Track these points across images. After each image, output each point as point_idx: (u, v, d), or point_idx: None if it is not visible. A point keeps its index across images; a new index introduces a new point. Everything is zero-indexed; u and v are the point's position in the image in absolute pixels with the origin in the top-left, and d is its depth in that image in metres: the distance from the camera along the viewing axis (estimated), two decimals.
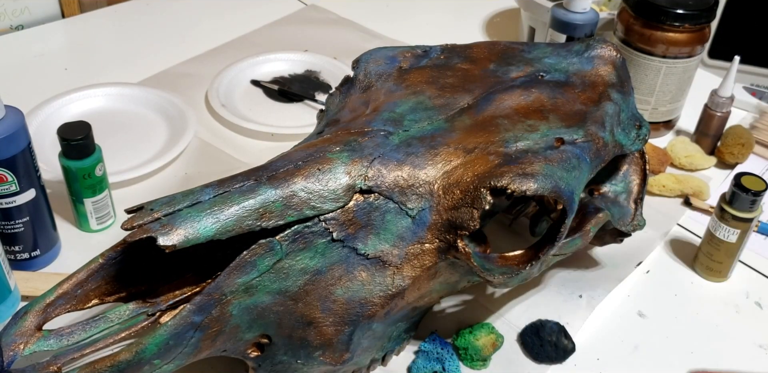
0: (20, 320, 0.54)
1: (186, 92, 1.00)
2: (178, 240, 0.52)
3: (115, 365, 0.51)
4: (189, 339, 0.53)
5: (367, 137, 0.60)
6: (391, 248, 0.58)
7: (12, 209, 0.69)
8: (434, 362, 0.66)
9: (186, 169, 0.88)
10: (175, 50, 1.09)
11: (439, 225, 0.59)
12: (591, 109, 0.66)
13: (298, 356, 0.58)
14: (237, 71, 1.02)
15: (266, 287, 0.55)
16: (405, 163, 0.59)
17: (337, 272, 0.57)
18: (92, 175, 0.73)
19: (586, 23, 0.93)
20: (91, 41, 1.11)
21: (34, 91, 0.97)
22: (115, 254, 0.57)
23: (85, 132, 0.71)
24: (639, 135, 0.70)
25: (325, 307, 0.57)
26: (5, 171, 0.66)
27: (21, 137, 0.67)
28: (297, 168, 0.57)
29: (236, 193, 0.55)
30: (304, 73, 1.05)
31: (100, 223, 0.78)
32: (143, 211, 0.54)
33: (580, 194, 0.62)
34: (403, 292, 0.59)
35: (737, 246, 0.76)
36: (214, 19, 1.18)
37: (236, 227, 0.54)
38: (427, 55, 0.71)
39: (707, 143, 0.95)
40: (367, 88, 0.69)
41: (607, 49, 0.72)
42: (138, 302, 0.60)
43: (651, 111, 0.96)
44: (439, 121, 0.63)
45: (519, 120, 0.64)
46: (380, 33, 1.17)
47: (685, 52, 0.91)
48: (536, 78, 0.69)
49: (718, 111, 0.92)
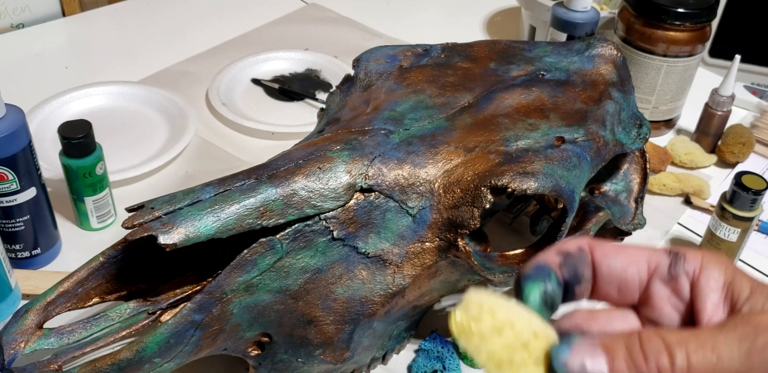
0: (21, 319, 0.54)
1: (186, 91, 1.00)
2: (178, 239, 0.52)
3: (115, 363, 0.51)
4: (189, 338, 0.53)
5: (368, 136, 0.60)
6: (391, 247, 0.58)
7: (13, 207, 0.69)
8: (434, 360, 0.66)
9: (186, 168, 0.88)
10: (175, 49, 1.09)
11: (439, 224, 0.59)
12: (591, 108, 0.66)
13: (299, 354, 0.58)
14: (237, 70, 1.02)
15: (267, 285, 0.55)
16: (405, 162, 0.59)
17: (337, 270, 0.57)
18: (93, 173, 0.73)
19: (587, 22, 0.93)
20: (91, 40, 1.11)
21: (35, 89, 0.97)
22: (115, 252, 0.57)
23: (86, 130, 0.71)
24: (639, 134, 0.70)
25: (325, 305, 0.57)
26: (6, 169, 0.67)
27: (22, 136, 0.67)
28: (297, 167, 0.57)
29: (237, 191, 0.55)
30: (304, 72, 1.05)
31: (100, 221, 0.78)
32: (144, 209, 0.54)
33: (580, 193, 0.62)
34: (404, 291, 0.59)
35: (738, 245, 0.76)
36: (214, 17, 1.18)
37: (237, 226, 0.54)
38: (428, 54, 0.71)
39: (708, 142, 0.95)
40: (367, 86, 0.68)
41: (607, 47, 0.72)
42: (139, 301, 0.60)
43: (651, 110, 0.96)
44: (440, 119, 0.63)
45: (519, 119, 0.63)
46: (381, 32, 1.17)
47: (686, 51, 0.91)
48: (537, 77, 0.69)
49: (718, 110, 0.92)
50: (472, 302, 0.32)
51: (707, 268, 0.33)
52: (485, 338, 0.31)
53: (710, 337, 0.30)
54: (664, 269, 0.34)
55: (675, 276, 0.34)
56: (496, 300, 0.32)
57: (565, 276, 0.34)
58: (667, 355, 0.29)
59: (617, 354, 0.30)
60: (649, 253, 0.34)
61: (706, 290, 0.33)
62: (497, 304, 0.32)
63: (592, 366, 0.30)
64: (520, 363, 0.31)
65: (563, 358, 0.30)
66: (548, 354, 0.31)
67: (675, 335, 0.30)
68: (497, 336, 0.31)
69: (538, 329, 0.32)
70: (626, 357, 0.30)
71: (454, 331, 0.32)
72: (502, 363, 0.31)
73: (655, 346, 0.30)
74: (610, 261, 0.34)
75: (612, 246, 0.35)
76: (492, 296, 0.32)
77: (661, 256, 0.34)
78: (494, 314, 0.31)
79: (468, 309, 0.32)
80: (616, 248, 0.35)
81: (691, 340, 0.30)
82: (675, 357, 0.29)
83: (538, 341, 0.31)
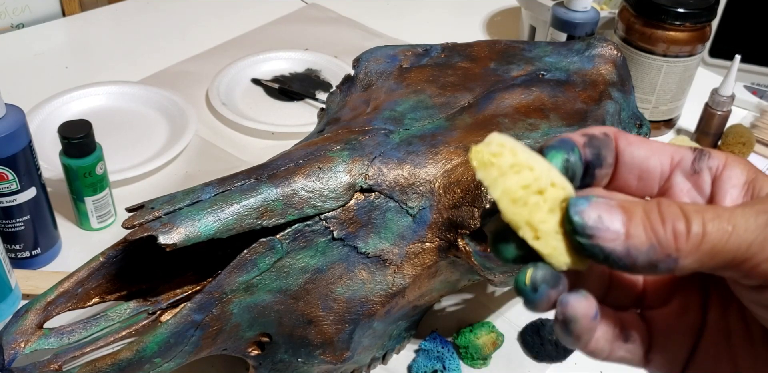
0: (21, 319, 0.54)
1: (186, 91, 1.00)
2: (178, 239, 0.52)
3: (115, 363, 0.51)
4: (189, 338, 0.53)
5: (368, 136, 0.60)
6: (391, 247, 0.58)
7: (13, 207, 0.69)
8: (434, 360, 0.66)
9: (186, 168, 0.88)
10: (175, 49, 1.09)
11: (439, 224, 0.59)
12: (592, 108, 0.66)
13: (299, 354, 0.58)
14: (238, 70, 1.02)
15: (267, 285, 0.55)
16: (405, 162, 0.59)
17: (337, 270, 0.57)
18: (93, 173, 0.73)
19: (587, 22, 0.93)
20: (91, 40, 1.11)
21: (35, 89, 0.97)
22: (115, 252, 0.57)
23: (86, 130, 0.71)
24: (640, 134, 0.70)
25: (325, 305, 0.57)
26: (6, 169, 0.67)
27: (22, 136, 0.67)
28: (298, 167, 0.57)
29: (237, 191, 0.55)
30: (304, 72, 1.05)
31: (100, 221, 0.78)
32: (144, 209, 0.54)
33: None
34: (404, 290, 0.59)
35: None
36: (214, 17, 1.18)
37: (237, 226, 0.54)
38: (428, 54, 0.71)
39: (708, 142, 0.95)
40: (367, 86, 0.68)
41: (607, 47, 0.72)
42: (139, 301, 0.60)
43: (652, 110, 0.96)
44: (440, 119, 0.63)
45: (520, 119, 0.64)
46: (381, 31, 1.17)
47: (686, 51, 0.91)
48: (537, 77, 0.69)
49: (718, 110, 0.92)
50: (494, 140, 0.31)
51: (730, 166, 0.33)
52: (504, 172, 0.30)
53: (728, 209, 0.29)
54: (688, 163, 0.33)
55: (698, 170, 0.33)
56: (519, 144, 0.31)
57: (588, 157, 0.33)
58: (684, 221, 0.29)
59: (635, 215, 0.29)
60: (675, 148, 0.34)
61: (727, 186, 0.33)
62: (519, 147, 0.31)
63: (608, 221, 0.29)
64: (534, 205, 0.30)
65: (580, 208, 0.29)
66: (563, 204, 0.30)
67: (693, 206, 0.30)
68: (516, 175, 0.30)
69: (557, 180, 0.31)
70: (643, 218, 0.29)
71: (473, 160, 0.30)
72: (517, 201, 0.30)
73: (673, 212, 0.29)
74: (633, 149, 0.33)
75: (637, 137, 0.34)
76: (515, 141, 0.31)
77: (685, 151, 0.34)
78: (516, 154, 0.30)
79: (489, 144, 0.31)
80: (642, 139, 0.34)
81: (709, 210, 0.29)
82: (691, 223, 0.29)
83: (555, 190, 0.31)
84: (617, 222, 0.29)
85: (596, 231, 0.29)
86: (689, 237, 0.29)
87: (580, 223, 0.29)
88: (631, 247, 0.29)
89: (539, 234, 0.30)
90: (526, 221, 0.30)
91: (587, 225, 0.29)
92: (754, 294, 0.30)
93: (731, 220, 0.29)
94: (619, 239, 0.29)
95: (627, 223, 0.29)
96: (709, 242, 0.29)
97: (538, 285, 0.30)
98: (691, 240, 0.29)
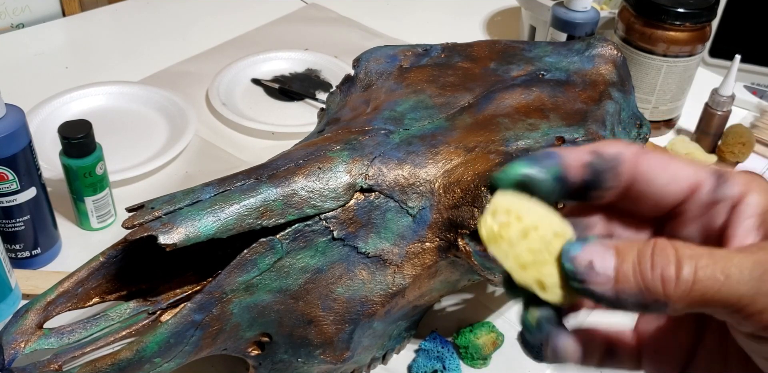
0: (21, 319, 0.54)
1: (186, 91, 1.00)
2: (178, 239, 0.52)
3: (115, 363, 0.51)
4: (189, 338, 0.53)
5: (368, 136, 0.60)
6: (391, 247, 0.58)
7: (13, 207, 0.69)
8: (434, 360, 0.66)
9: (186, 168, 0.88)
10: (175, 49, 1.09)
11: (439, 224, 0.59)
12: (592, 108, 0.66)
13: (299, 354, 0.58)
14: (237, 70, 1.02)
15: (267, 285, 0.55)
16: (405, 162, 0.59)
17: (337, 270, 0.57)
18: (93, 173, 0.73)
19: (587, 22, 0.92)
20: (91, 40, 1.11)
21: (35, 89, 0.97)
22: (115, 252, 0.57)
23: (86, 130, 0.71)
24: (640, 134, 0.70)
25: (325, 305, 0.57)
26: (6, 169, 0.67)
27: (22, 136, 0.67)
28: (298, 167, 0.57)
29: (237, 191, 0.55)
30: (304, 72, 1.05)
31: (100, 221, 0.78)
32: (144, 209, 0.54)
33: None
34: (404, 290, 0.59)
35: None
36: (214, 17, 1.18)
37: (237, 226, 0.54)
38: (428, 54, 0.71)
39: (708, 142, 0.95)
40: (367, 86, 0.68)
41: (607, 47, 0.72)
42: (139, 301, 0.60)
43: (652, 110, 0.96)
44: (440, 119, 0.63)
45: (520, 119, 0.63)
46: (381, 31, 1.17)
47: (686, 51, 0.91)
48: (537, 77, 0.69)
49: (718, 110, 0.92)
50: (499, 207, 0.32)
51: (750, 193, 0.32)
52: (513, 243, 0.31)
53: (725, 256, 0.29)
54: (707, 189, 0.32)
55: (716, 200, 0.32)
56: (522, 203, 0.32)
57: (585, 176, 0.32)
58: (675, 266, 0.29)
59: (627, 258, 0.29)
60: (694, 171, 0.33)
61: (743, 216, 0.32)
62: (523, 207, 0.32)
63: (599, 266, 0.29)
64: (540, 263, 0.31)
65: (573, 254, 0.30)
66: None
67: (690, 249, 0.29)
68: (523, 240, 0.31)
69: (558, 229, 0.32)
70: (635, 263, 0.29)
71: (484, 237, 0.32)
72: (527, 266, 0.31)
73: (666, 256, 0.29)
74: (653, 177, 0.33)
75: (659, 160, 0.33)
76: (517, 199, 0.32)
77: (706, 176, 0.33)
78: (521, 218, 0.31)
79: (496, 215, 0.32)
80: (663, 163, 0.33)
81: (704, 255, 0.29)
82: (682, 270, 0.28)
83: (557, 241, 0.31)
84: (608, 267, 0.29)
85: (586, 277, 0.30)
86: (678, 284, 0.29)
87: (572, 269, 0.30)
88: (619, 291, 0.29)
89: (546, 286, 0.31)
90: (535, 280, 0.31)
91: (578, 271, 0.30)
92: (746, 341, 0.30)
93: (725, 269, 0.28)
94: (609, 284, 0.29)
95: (618, 267, 0.29)
96: (698, 290, 0.28)
97: (543, 325, 0.32)
98: (680, 287, 0.29)
